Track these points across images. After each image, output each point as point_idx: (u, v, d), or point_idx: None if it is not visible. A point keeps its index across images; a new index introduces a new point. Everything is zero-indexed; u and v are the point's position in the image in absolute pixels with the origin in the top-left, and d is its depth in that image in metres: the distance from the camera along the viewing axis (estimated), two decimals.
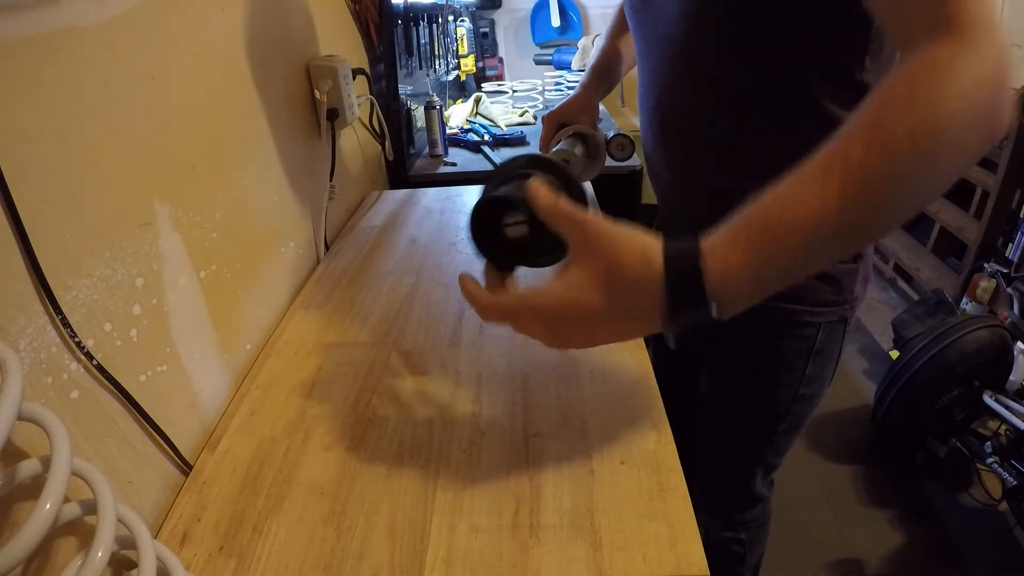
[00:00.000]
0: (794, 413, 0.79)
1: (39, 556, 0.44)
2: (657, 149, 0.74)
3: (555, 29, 2.81)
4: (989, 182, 2.14)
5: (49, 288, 0.45)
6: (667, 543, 0.49)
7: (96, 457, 0.51)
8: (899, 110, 0.37)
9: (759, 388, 0.79)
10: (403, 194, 1.33)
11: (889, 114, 0.37)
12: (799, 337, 0.73)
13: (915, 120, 0.36)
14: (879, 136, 0.37)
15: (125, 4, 0.56)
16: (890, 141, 0.36)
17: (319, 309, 0.88)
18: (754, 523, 0.96)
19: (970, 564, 1.45)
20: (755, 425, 0.83)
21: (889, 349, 2.15)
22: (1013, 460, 1.48)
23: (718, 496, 0.93)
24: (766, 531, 1.01)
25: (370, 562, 0.50)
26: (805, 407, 0.80)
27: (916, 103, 0.36)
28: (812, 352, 0.73)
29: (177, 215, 0.64)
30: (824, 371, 0.77)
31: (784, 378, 0.76)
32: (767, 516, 0.99)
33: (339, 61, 1.04)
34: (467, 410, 0.66)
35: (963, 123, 0.36)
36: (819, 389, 0.79)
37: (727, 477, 0.91)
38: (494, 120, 1.90)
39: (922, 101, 0.36)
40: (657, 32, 0.67)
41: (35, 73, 0.46)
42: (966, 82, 0.36)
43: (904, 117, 0.36)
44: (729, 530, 0.95)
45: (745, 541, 0.97)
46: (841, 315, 0.72)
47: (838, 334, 0.74)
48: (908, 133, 0.36)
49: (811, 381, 0.76)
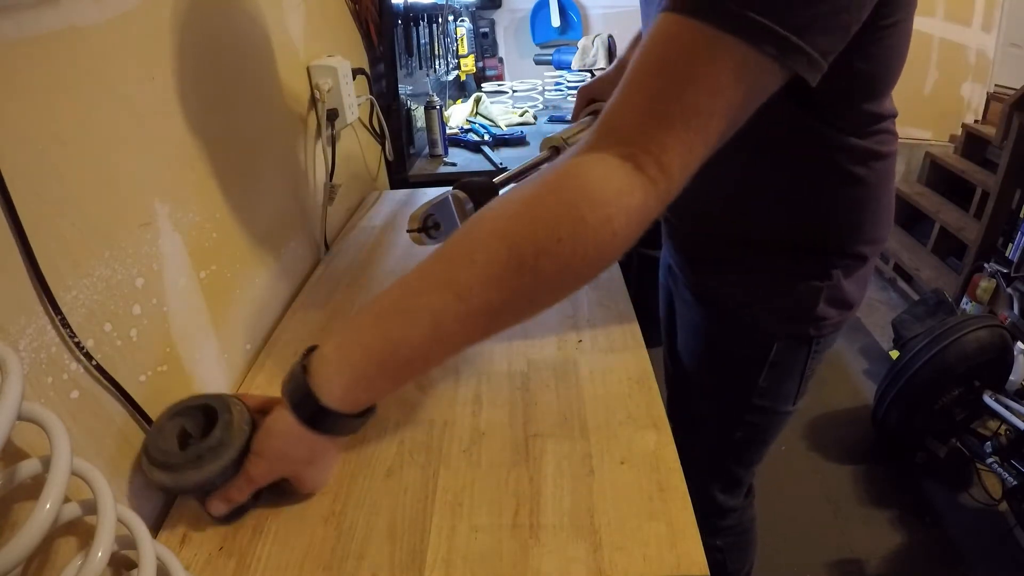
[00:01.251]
0: (749, 423, 0.78)
1: (39, 556, 0.44)
2: None
3: (555, 29, 2.81)
4: (989, 182, 2.15)
5: (49, 288, 0.45)
6: (667, 543, 0.49)
7: (96, 457, 0.51)
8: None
9: (716, 389, 0.80)
10: (403, 194, 1.33)
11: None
12: (755, 345, 0.71)
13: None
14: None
15: (125, 4, 0.56)
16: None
17: (319, 309, 0.88)
18: (730, 531, 0.94)
19: (970, 564, 1.45)
20: (713, 428, 0.82)
21: (889, 349, 2.15)
22: (1013, 460, 1.48)
23: (693, 499, 0.93)
24: (747, 540, 0.99)
25: (370, 562, 0.50)
26: (764, 419, 0.78)
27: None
28: (766, 363, 0.71)
29: (177, 215, 0.64)
30: (783, 387, 0.74)
31: (738, 383, 0.75)
32: (745, 526, 0.97)
33: (339, 61, 1.04)
34: (467, 410, 0.66)
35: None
36: (776, 403, 0.76)
37: (693, 481, 0.90)
38: (494, 120, 1.90)
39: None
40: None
41: (35, 73, 0.46)
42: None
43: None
44: (707, 536, 0.94)
45: (723, 548, 0.95)
46: (802, 332, 0.69)
47: (800, 352, 0.71)
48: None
49: (766, 393, 0.74)
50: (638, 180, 0.40)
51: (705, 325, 0.78)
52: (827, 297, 0.66)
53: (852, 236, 0.64)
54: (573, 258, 0.40)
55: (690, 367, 0.84)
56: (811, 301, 0.67)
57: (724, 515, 0.92)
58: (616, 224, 0.40)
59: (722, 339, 0.76)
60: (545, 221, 0.40)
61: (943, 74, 2.83)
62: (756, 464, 0.86)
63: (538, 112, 2.06)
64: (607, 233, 0.40)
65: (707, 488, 0.88)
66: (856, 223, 0.64)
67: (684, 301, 0.82)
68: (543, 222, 0.40)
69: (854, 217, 0.63)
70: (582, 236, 0.40)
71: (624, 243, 0.41)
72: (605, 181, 0.40)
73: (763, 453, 0.85)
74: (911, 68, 2.10)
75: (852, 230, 0.64)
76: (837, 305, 0.68)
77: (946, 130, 2.83)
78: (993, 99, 2.59)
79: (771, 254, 0.67)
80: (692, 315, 0.80)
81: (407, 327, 0.44)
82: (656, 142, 0.40)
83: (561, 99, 2.28)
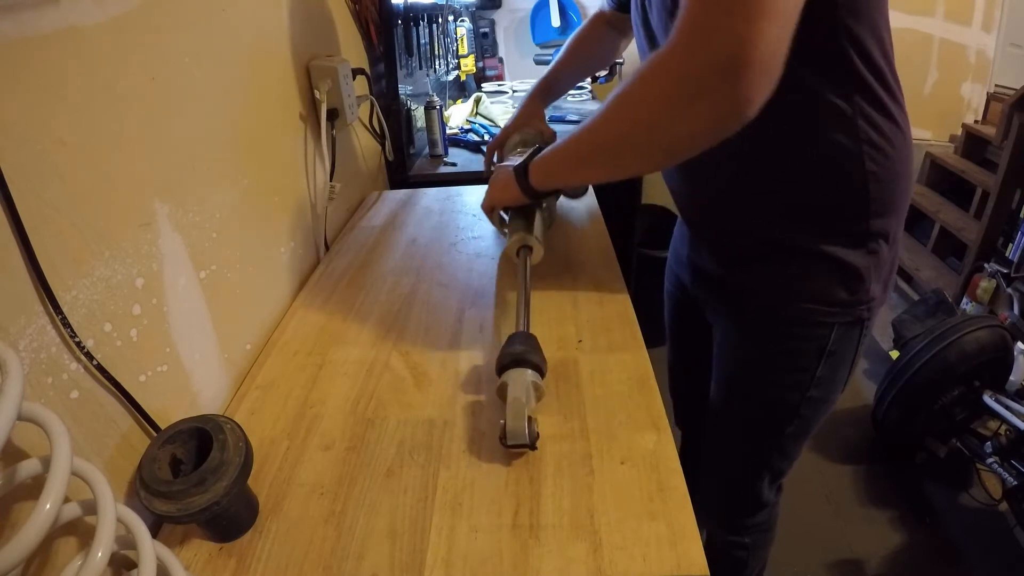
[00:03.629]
0: (803, 416, 0.78)
1: (39, 556, 0.44)
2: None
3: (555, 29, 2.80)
4: (989, 182, 2.15)
5: (49, 288, 0.45)
6: (667, 543, 0.49)
7: (96, 457, 0.51)
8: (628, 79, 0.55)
9: (768, 388, 0.78)
10: (403, 194, 1.33)
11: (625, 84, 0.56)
12: (811, 338, 0.71)
13: (625, 87, 0.56)
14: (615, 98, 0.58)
15: (125, 4, 0.56)
16: (613, 101, 0.58)
17: (319, 309, 0.88)
18: (758, 528, 0.94)
19: (970, 564, 1.45)
20: (763, 427, 0.81)
21: (889, 349, 2.15)
22: (1013, 460, 1.48)
23: (723, 500, 0.93)
24: (771, 537, 1.00)
25: (370, 562, 0.50)
26: (815, 410, 0.78)
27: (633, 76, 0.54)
28: (825, 353, 0.72)
29: (177, 215, 0.64)
30: (837, 374, 0.75)
31: (794, 379, 0.75)
32: (772, 521, 0.98)
33: (339, 61, 1.04)
34: (467, 410, 0.66)
35: (650, 94, 0.54)
36: (829, 393, 0.77)
37: (733, 481, 0.89)
38: (494, 120, 1.90)
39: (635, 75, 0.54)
40: (649, 32, 0.69)
41: (35, 73, 0.46)
42: (657, 70, 0.52)
43: (624, 85, 0.56)
44: (734, 534, 0.94)
45: (749, 546, 0.95)
46: (856, 316, 0.70)
47: (853, 336, 0.72)
48: (619, 95, 0.57)
49: (821, 383, 0.74)
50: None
51: (752, 328, 0.77)
52: (876, 276, 0.68)
53: (888, 201, 0.65)
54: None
55: (735, 373, 0.82)
56: (863, 283, 0.68)
57: (759, 511, 0.92)
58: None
59: (774, 339, 0.75)
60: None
61: (943, 74, 2.84)
62: (797, 457, 0.86)
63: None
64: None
65: (753, 485, 0.87)
66: (891, 187, 0.64)
67: (718, 311, 0.81)
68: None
69: (888, 179, 0.64)
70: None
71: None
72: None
73: (805, 444, 0.85)
74: (911, 68, 2.13)
75: (887, 194, 0.64)
76: (883, 286, 0.70)
77: (946, 130, 2.83)
78: (993, 99, 2.59)
79: (817, 240, 0.66)
80: (734, 322, 0.79)
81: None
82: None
83: (561, 99, 2.27)
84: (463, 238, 1.09)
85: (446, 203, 1.26)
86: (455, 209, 1.23)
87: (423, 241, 1.09)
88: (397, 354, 0.77)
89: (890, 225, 0.66)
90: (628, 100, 0.57)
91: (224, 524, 0.52)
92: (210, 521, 0.51)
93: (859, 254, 0.66)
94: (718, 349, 0.84)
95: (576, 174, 0.73)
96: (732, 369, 0.82)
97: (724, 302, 0.79)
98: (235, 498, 0.50)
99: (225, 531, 0.53)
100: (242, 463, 0.51)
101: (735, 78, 0.46)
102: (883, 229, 0.66)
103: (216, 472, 0.50)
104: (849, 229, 0.65)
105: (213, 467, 0.50)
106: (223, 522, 0.52)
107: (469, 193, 1.33)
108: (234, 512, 0.52)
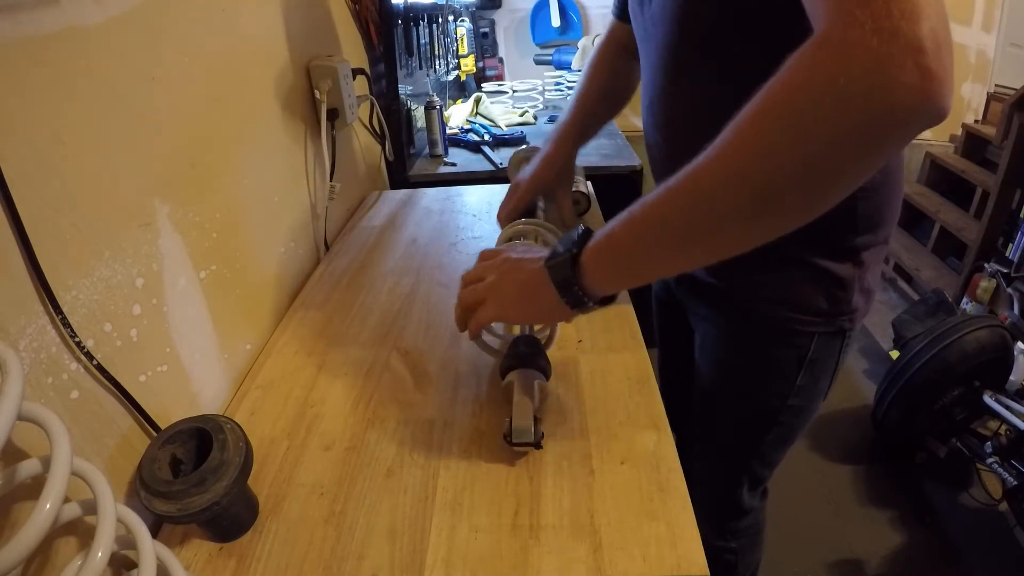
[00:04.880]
0: (782, 424, 0.78)
1: (39, 556, 0.44)
2: (656, 142, 0.74)
3: (555, 29, 2.81)
4: (989, 182, 2.15)
5: (49, 288, 0.45)
6: (667, 543, 0.49)
7: (96, 457, 0.51)
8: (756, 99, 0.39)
9: (748, 395, 0.78)
10: (403, 194, 1.33)
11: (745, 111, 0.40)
12: (791, 345, 0.71)
13: (760, 103, 0.39)
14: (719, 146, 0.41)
15: (125, 4, 0.56)
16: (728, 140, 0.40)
17: (319, 309, 0.88)
18: (744, 532, 0.95)
19: (970, 564, 1.45)
20: (743, 434, 0.82)
21: (889, 349, 2.15)
22: (1013, 460, 1.48)
23: (708, 504, 0.92)
24: (759, 540, 1.00)
25: (370, 562, 0.50)
26: (795, 418, 0.78)
27: (767, 90, 0.39)
28: (805, 362, 0.72)
29: (177, 215, 0.64)
30: (818, 383, 0.75)
31: (774, 386, 0.75)
32: (759, 526, 0.98)
33: (339, 61, 1.04)
34: (467, 410, 0.66)
35: (806, 103, 0.37)
36: (810, 401, 0.77)
37: (715, 486, 0.89)
38: (494, 120, 1.90)
39: (774, 86, 0.38)
40: (648, 32, 0.68)
41: (35, 73, 0.46)
42: (817, 70, 0.37)
43: (754, 104, 0.39)
44: (720, 539, 0.94)
45: (736, 550, 0.96)
46: (837, 327, 0.69)
47: (835, 346, 0.72)
48: (749, 120, 0.39)
49: (802, 392, 0.74)
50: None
51: (733, 334, 0.77)
52: (859, 287, 0.68)
53: (876, 216, 0.64)
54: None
55: (715, 378, 0.82)
56: (845, 293, 0.67)
57: (743, 516, 0.92)
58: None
59: (754, 346, 0.75)
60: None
61: None
62: (779, 463, 0.86)
63: (538, 112, 2.06)
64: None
65: (732, 492, 0.88)
66: (879, 202, 0.64)
67: (698, 315, 0.81)
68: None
69: (877, 196, 0.63)
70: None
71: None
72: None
73: (787, 451, 0.85)
74: None
75: (875, 210, 0.64)
76: (866, 295, 0.69)
77: (946, 130, 2.83)
78: (993, 99, 2.59)
79: (801, 249, 0.66)
80: (715, 326, 0.79)
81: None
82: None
83: (561, 99, 2.28)
84: (463, 238, 1.09)
85: (446, 203, 1.26)
86: (455, 209, 1.23)
87: (423, 241, 1.09)
88: (397, 354, 0.77)
89: (878, 238, 0.66)
90: (778, 122, 0.38)
91: (224, 524, 0.52)
92: (210, 521, 0.51)
93: (844, 266, 0.66)
94: (699, 353, 0.84)
95: (684, 256, 0.46)
96: (713, 375, 0.82)
97: (706, 306, 0.79)
98: (235, 498, 0.50)
99: (225, 531, 0.53)
100: (242, 463, 0.51)
101: (918, 45, 0.36)
102: (870, 242, 0.66)
103: (216, 472, 0.50)
104: (835, 242, 0.65)
105: (213, 467, 0.50)
106: (223, 522, 0.52)
107: (469, 193, 1.32)
108: (234, 512, 0.52)
